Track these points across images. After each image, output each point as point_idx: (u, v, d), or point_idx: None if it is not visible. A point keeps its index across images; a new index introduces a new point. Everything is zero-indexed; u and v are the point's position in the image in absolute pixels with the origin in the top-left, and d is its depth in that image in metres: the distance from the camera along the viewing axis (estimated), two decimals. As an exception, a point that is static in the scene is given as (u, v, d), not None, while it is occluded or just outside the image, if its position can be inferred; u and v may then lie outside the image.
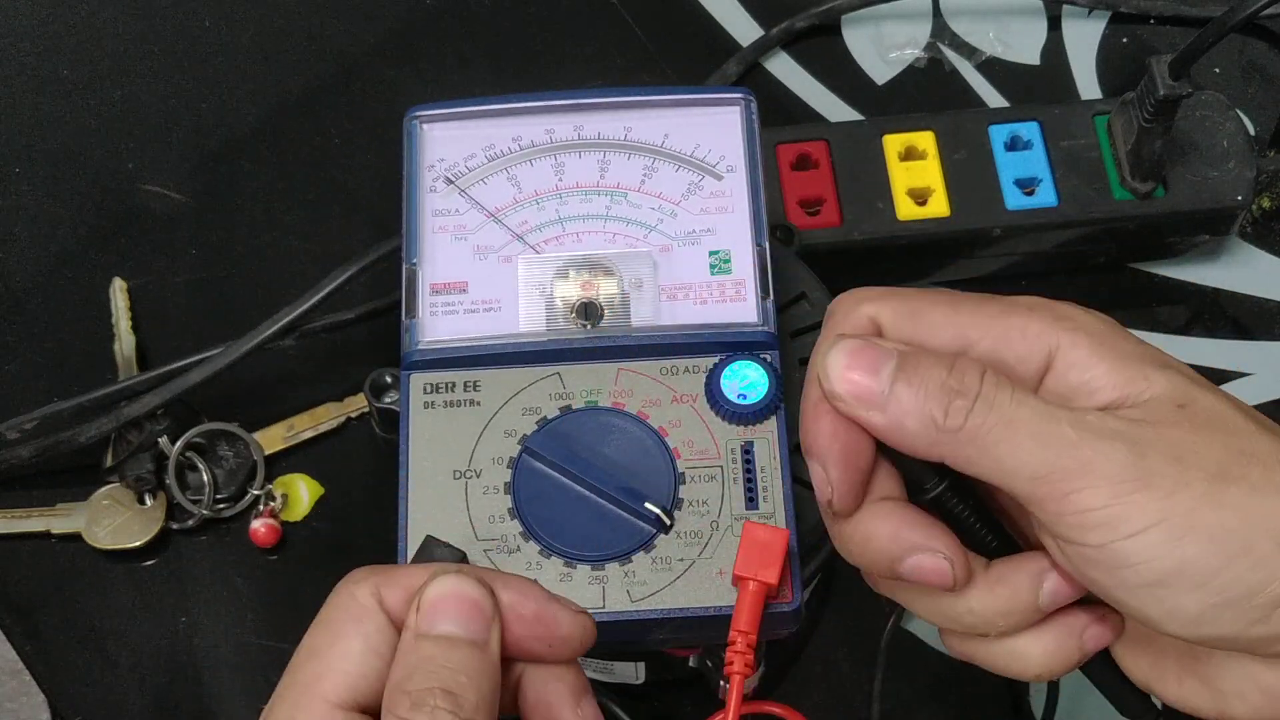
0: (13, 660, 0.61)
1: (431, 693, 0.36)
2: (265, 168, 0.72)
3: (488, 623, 0.38)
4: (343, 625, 0.38)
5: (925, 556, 0.41)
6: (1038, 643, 0.42)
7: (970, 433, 0.40)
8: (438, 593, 0.37)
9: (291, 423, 0.65)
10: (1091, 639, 0.43)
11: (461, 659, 0.37)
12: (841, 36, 0.76)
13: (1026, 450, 0.39)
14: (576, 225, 0.54)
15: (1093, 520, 0.39)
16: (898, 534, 0.42)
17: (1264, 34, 0.75)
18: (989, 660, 0.43)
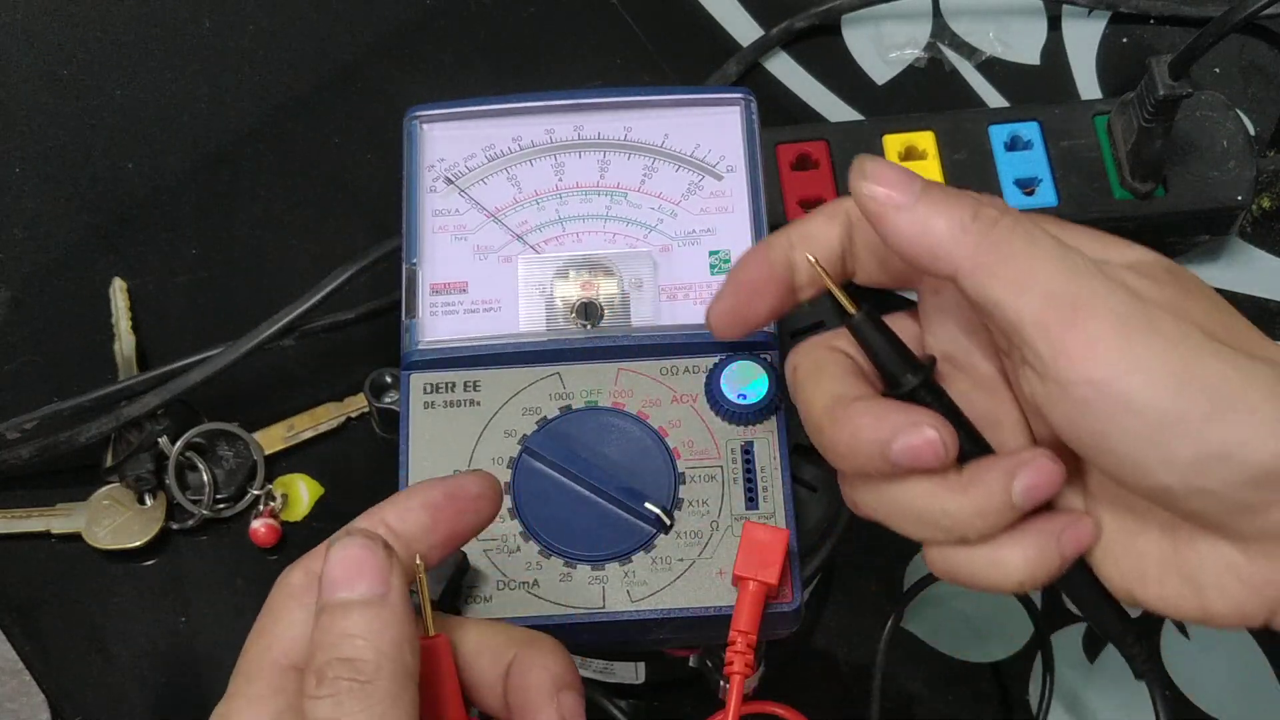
0: (13, 660, 0.61)
1: (330, 664, 0.37)
2: (265, 168, 0.72)
3: (382, 575, 0.38)
4: (282, 604, 0.40)
5: (913, 433, 0.41)
6: (1016, 548, 0.42)
7: (998, 238, 0.40)
8: (331, 561, 0.38)
9: (291, 423, 0.65)
10: (1070, 542, 0.42)
11: (355, 622, 0.37)
12: (841, 36, 0.76)
13: (1047, 265, 0.39)
14: (576, 225, 0.54)
15: (1096, 351, 0.38)
16: (883, 418, 0.42)
17: (1264, 34, 0.75)
18: (970, 572, 0.43)
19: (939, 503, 0.42)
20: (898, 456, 0.41)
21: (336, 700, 0.36)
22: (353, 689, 0.36)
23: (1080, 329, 0.39)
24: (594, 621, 0.48)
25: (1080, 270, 0.39)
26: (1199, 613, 0.41)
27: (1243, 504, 0.39)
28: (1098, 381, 0.39)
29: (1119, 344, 0.38)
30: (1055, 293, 0.39)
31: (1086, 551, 0.43)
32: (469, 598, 0.48)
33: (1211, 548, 0.41)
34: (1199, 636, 0.62)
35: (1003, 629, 0.62)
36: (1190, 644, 0.62)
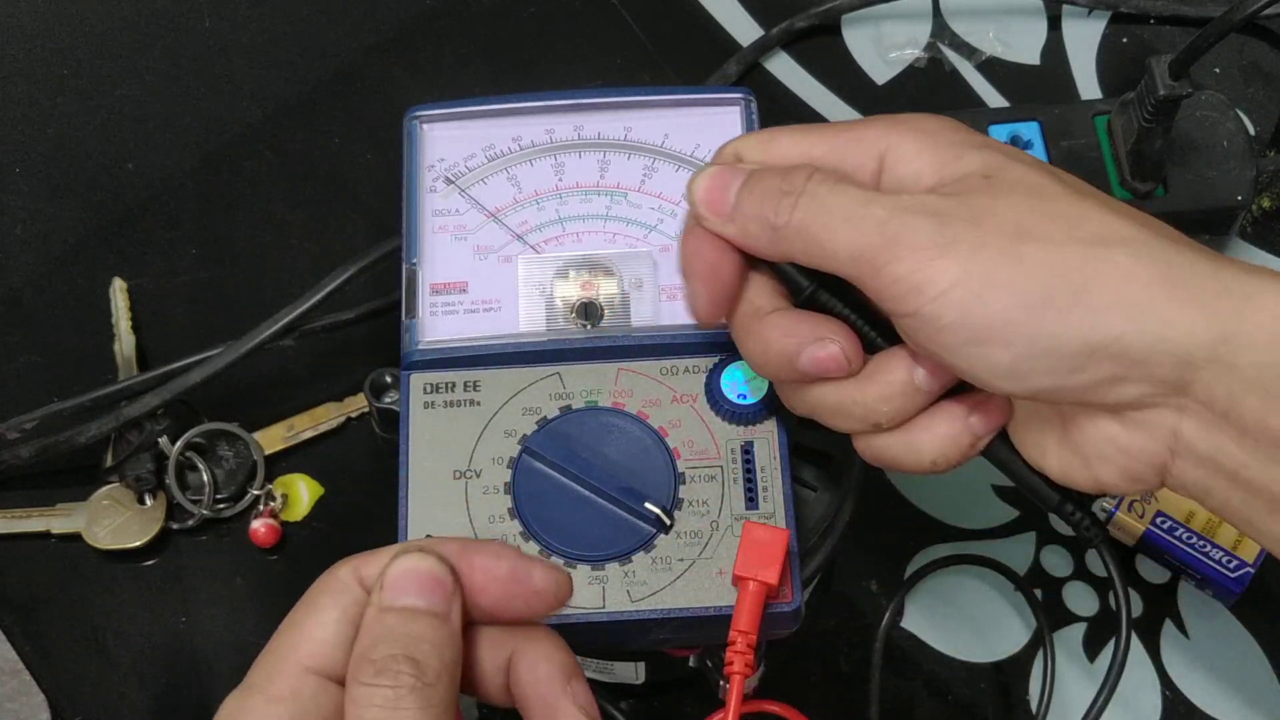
0: (13, 660, 0.61)
1: (395, 659, 0.37)
2: (265, 168, 0.72)
3: (448, 596, 0.39)
4: (321, 599, 0.40)
5: (817, 347, 0.44)
6: (928, 431, 0.45)
7: (797, 225, 0.43)
8: (400, 568, 0.39)
9: (291, 423, 0.65)
10: (978, 422, 0.45)
11: (423, 628, 0.38)
12: (841, 36, 0.76)
13: (844, 233, 0.43)
14: (576, 225, 0.54)
15: (903, 288, 0.41)
16: (789, 331, 0.45)
17: (1264, 34, 0.75)
18: (892, 456, 0.46)
19: (850, 395, 0.45)
20: (805, 367, 0.45)
21: (397, 693, 0.37)
22: (415, 688, 0.37)
23: (884, 275, 0.42)
24: (594, 621, 0.48)
25: (876, 222, 0.42)
26: (1092, 483, 0.44)
27: (1082, 386, 0.41)
28: (911, 313, 0.42)
29: (919, 278, 0.41)
30: (856, 254, 0.42)
31: (999, 429, 0.46)
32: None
33: (1092, 423, 0.43)
34: (1199, 636, 0.62)
35: (1003, 629, 0.62)
36: (1190, 644, 0.62)
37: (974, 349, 0.41)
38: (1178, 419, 0.42)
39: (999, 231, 0.41)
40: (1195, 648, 0.61)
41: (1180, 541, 0.61)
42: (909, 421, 0.45)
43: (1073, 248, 0.41)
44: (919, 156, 0.44)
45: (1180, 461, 0.42)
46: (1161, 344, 0.40)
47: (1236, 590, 0.61)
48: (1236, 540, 0.61)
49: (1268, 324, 0.40)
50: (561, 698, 0.40)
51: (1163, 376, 0.41)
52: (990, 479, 0.64)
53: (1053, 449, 0.45)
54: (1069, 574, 0.63)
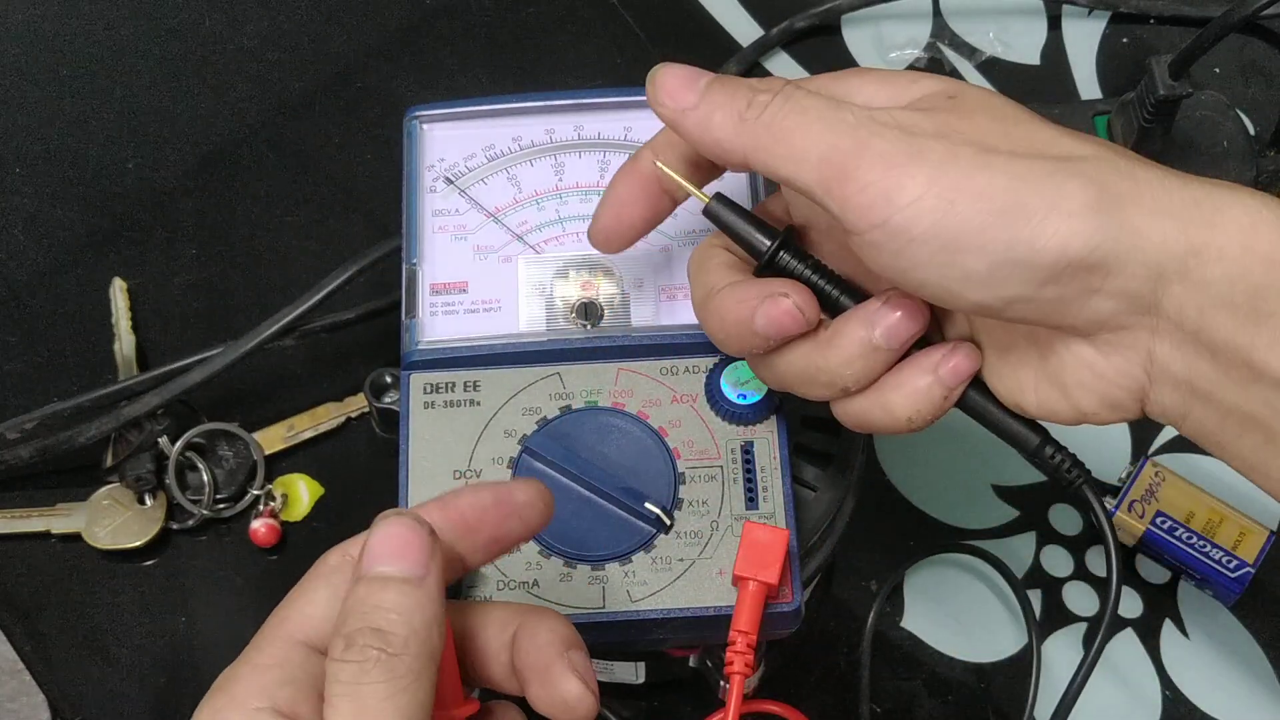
0: (13, 660, 0.61)
1: (361, 632, 0.37)
2: (265, 168, 0.72)
3: (423, 558, 0.38)
4: (312, 580, 0.40)
5: (770, 305, 0.44)
6: (899, 389, 0.45)
7: (768, 120, 0.43)
8: (375, 536, 0.39)
9: (291, 423, 0.65)
10: (948, 373, 0.45)
11: (391, 597, 0.38)
12: (841, 36, 0.76)
13: (814, 133, 0.42)
14: (576, 225, 0.54)
15: (871, 197, 0.41)
16: (741, 298, 0.45)
17: (1264, 34, 0.75)
18: (868, 419, 0.46)
19: (813, 361, 0.45)
20: (763, 330, 0.45)
21: (362, 667, 0.36)
22: (379, 659, 0.37)
23: (852, 181, 0.41)
24: (594, 621, 0.48)
25: (846, 125, 0.42)
26: (1074, 413, 0.44)
27: (1056, 301, 0.41)
28: (880, 224, 0.41)
29: (888, 184, 0.41)
30: (825, 155, 0.42)
31: (970, 376, 0.45)
32: (469, 597, 0.48)
33: (1068, 350, 0.43)
34: (1199, 636, 0.62)
35: (1002, 629, 0.62)
36: (1190, 644, 0.62)
37: (946, 258, 0.41)
38: (1151, 340, 0.42)
39: (968, 144, 0.41)
40: (1195, 648, 0.61)
41: (1180, 541, 0.61)
42: (878, 382, 0.45)
43: (1042, 161, 0.41)
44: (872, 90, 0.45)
45: (1157, 386, 0.43)
46: (1134, 253, 0.40)
47: (1236, 590, 0.61)
48: (1236, 540, 0.61)
49: (1237, 235, 0.40)
50: (558, 661, 0.40)
51: (1135, 290, 0.41)
52: (990, 479, 0.64)
53: (1030, 383, 0.45)
54: (1069, 574, 0.63)
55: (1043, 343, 0.44)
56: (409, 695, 0.36)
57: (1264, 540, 0.61)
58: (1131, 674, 0.61)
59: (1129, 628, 0.62)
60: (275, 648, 0.39)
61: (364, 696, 0.36)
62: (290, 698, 0.38)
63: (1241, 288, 0.40)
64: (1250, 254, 0.40)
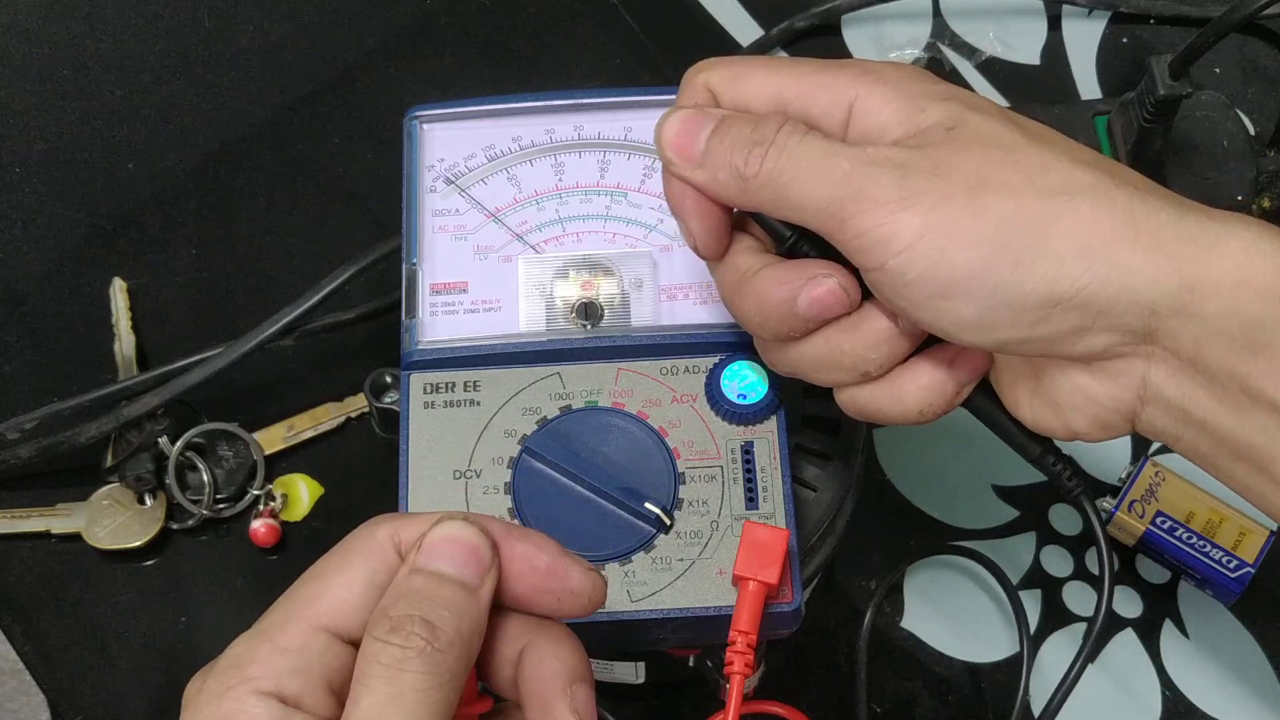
0: (13, 660, 0.61)
1: (411, 619, 0.37)
2: (265, 168, 0.72)
3: (482, 569, 0.38)
4: (354, 555, 0.39)
5: (814, 285, 0.44)
6: (913, 380, 0.45)
7: (766, 176, 0.43)
8: (441, 533, 0.39)
9: (291, 423, 0.65)
10: (962, 369, 0.45)
11: (447, 595, 0.38)
12: (841, 36, 0.76)
13: (811, 185, 0.43)
14: (576, 225, 0.54)
15: (868, 242, 0.42)
16: (782, 279, 0.45)
17: (1264, 34, 0.75)
18: (877, 408, 0.46)
19: (838, 344, 0.45)
20: (805, 311, 0.44)
21: (405, 653, 0.36)
22: (424, 651, 0.36)
23: (849, 228, 0.42)
24: (594, 621, 0.48)
25: (841, 174, 0.42)
26: (1065, 431, 0.45)
27: (1049, 338, 0.42)
28: (878, 267, 0.42)
29: (881, 232, 0.41)
30: (823, 206, 0.42)
31: (983, 374, 0.46)
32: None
33: (1062, 374, 0.44)
34: (1199, 636, 0.62)
35: (1002, 629, 0.62)
36: (1190, 644, 0.62)
37: (939, 303, 0.42)
38: (1146, 366, 0.42)
39: (961, 184, 0.41)
40: (1195, 648, 0.61)
41: (1180, 541, 0.61)
42: (893, 371, 0.45)
43: (1033, 198, 0.41)
44: (885, 108, 0.44)
45: (1149, 408, 0.43)
46: (1126, 293, 0.40)
47: (1236, 590, 0.61)
48: (1236, 540, 0.61)
49: (1231, 270, 0.40)
50: (559, 698, 0.40)
51: (1129, 325, 0.41)
52: (990, 479, 0.64)
53: (1025, 399, 0.45)
54: (1069, 574, 0.63)
55: (1038, 364, 0.44)
56: (442, 693, 0.36)
57: (1264, 540, 0.61)
58: (1131, 674, 0.61)
59: (1129, 628, 0.62)
60: (297, 630, 0.38)
61: (400, 683, 0.36)
62: (299, 686, 0.37)
63: (1238, 321, 0.40)
64: (1246, 287, 0.40)
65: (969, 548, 0.63)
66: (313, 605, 0.38)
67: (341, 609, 0.38)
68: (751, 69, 0.47)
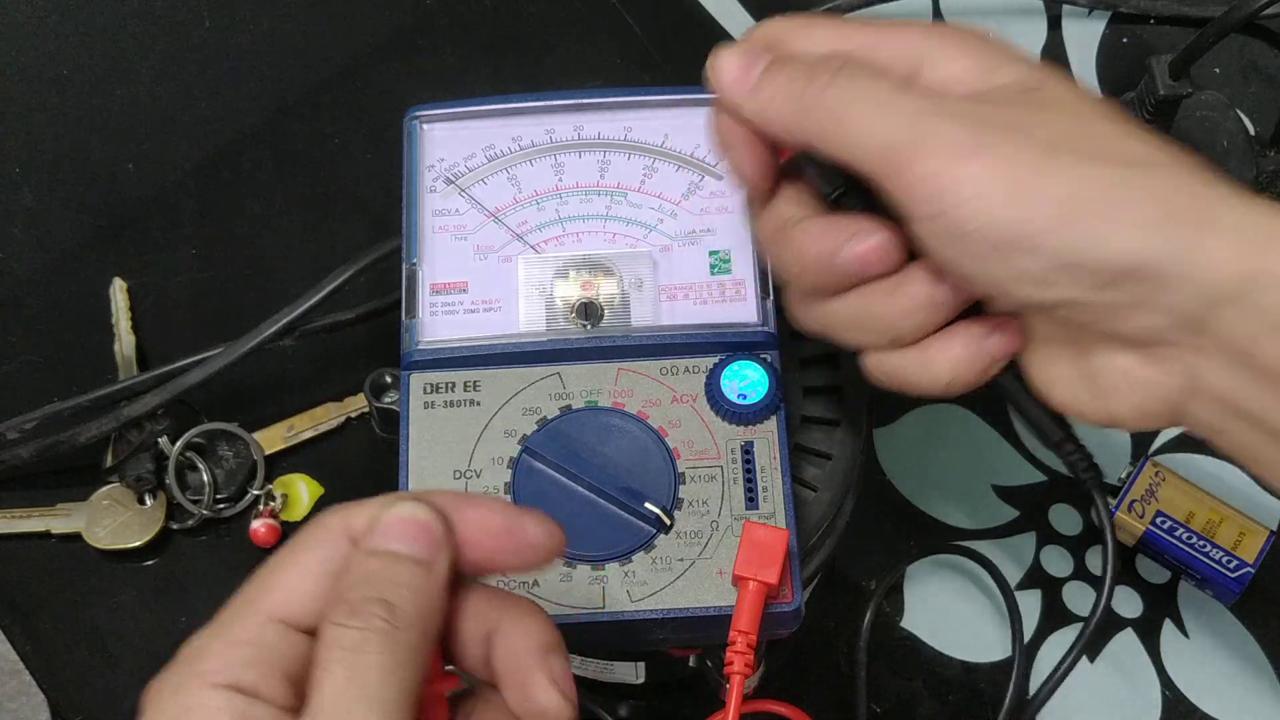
0: (13, 660, 0.61)
1: (369, 601, 0.37)
2: (265, 168, 0.72)
3: (436, 545, 0.38)
4: (305, 546, 0.39)
5: (856, 240, 0.44)
6: (945, 350, 0.45)
7: (828, 105, 0.42)
8: (391, 514, 0.38)
9: (291, 423, 0.65)
10: (996, 343, 0.45)
11: (403, 573, 0.38)
12: (841, 36, 0.76)
13: (876, 120, 0.42)
14: (576, 225, 0.54)
15: (929, 188, 0.41)
16: (826, 230, 0.44)
17: (1264, 34, 0.75)
18: (905, 375, 0.45)
19: (873, 306, 0.44)
20: (844, 264, 0.44)
21: (365, 635, 0.36)
22: (384, 631, 0.36)
23: (915, 169, 0.41)
24: (594, 621, 0.48)
25: (910, 113, 0.41)
26: (1104, 415, 0.44)
27: (1104, 307, 0.41)
28: (937, 214, 0.41)
29: (952, 175, 0.40)
30: (886, 144, 0.41)
31: (1015, 353, 0.45)
32: (469, 597, 0.47)
33: (1107, 354, 0.43)
34: (1199, 636, 0.62)
35: (1002, 629, 0.62)
36: (1190, 644, 0.62)
37: (1001, 255, 0.41)
38: (1195, 357, 0.41)
39: (1036, 143, 0.41)
40: (1195, 648, 0.61)
41: (1180, 541, 0.61)
42: (926, 339, 0.45)
43: (1109, 166, 0.41)
44: (956, 63, 0.44)
45: (1196, 401, 0.42)
46: (1189, 270, 0.40)
47: (1236, 590, 0.61)
48: (1236, 540, 0.61)
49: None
50: (535, 670, 0.39)
51: (1184, 308, 0.40)
52: (990, 479, 0.64)
53: (1062, 378, 0.44)
54: (1069, 574, 0.63)
55: (1082, 342, 0.43)
56: (404, 672, 0.36)
57: (1264, 540, 0.61)
58: (1131, 674, 0.61)
59: (1129, 628, 0.62)
60: (251, 623, 0.38)
61: (361, 666, 0.36)
62: (255, 678, 0.37)
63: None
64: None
65: (968, 547, 0.63)
66: (266, 597, 0.38)
67: (295, 599, 0.38)
68: (816, 20, 0.46)
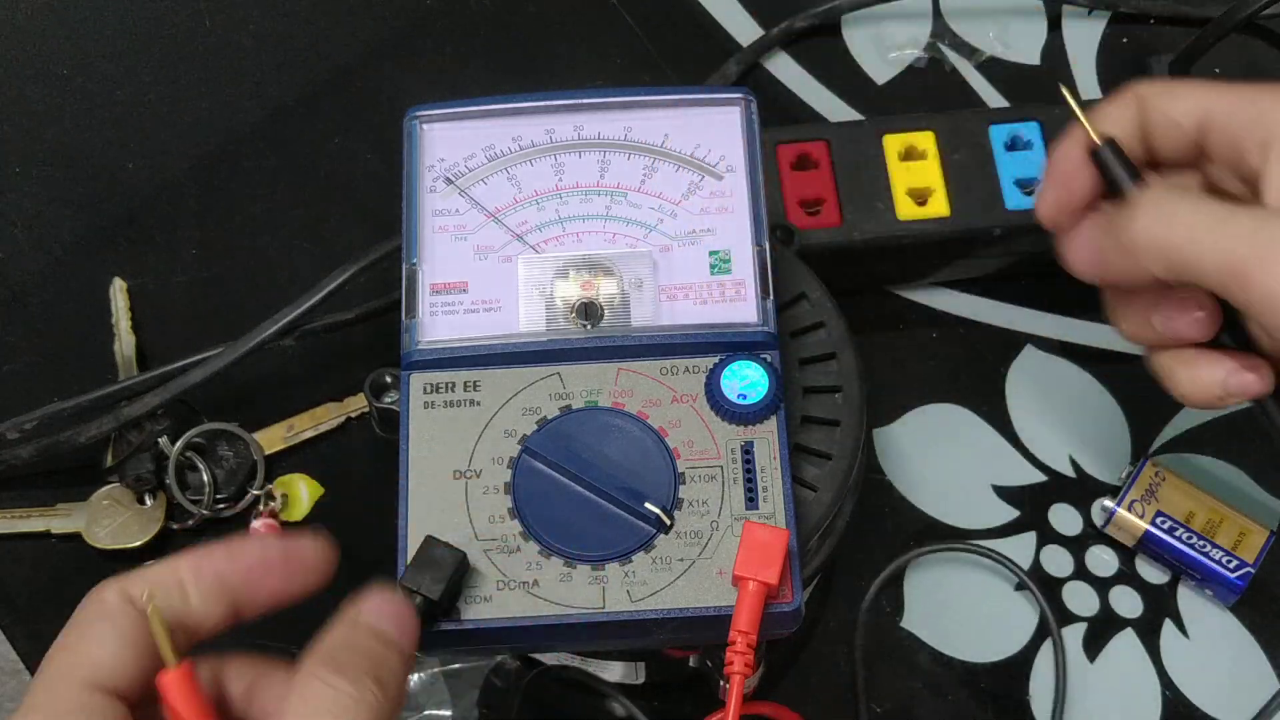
0: (13, 660, 0.61)
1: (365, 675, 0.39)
2: (265, 168, 0.72)
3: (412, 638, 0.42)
4: (93, 622, 0.40)
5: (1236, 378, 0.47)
6: (1189, 367, 0.47)
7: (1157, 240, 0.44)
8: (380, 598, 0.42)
9: (291, 423, 0.65)
10: (1236, 384, 0.47)
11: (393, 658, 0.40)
12: (841, 36, 0.76)
13: (1209, 242, 0.43)
14: (576, 225, 0.54)
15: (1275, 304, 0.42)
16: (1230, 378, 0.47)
17: (1264, 34, 0.75)
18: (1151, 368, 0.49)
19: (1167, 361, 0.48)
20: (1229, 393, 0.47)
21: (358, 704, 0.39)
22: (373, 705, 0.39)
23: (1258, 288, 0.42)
24: (594, 621, 0.48)
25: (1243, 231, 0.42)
26: None
27: None
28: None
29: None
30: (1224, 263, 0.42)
31: (1257, 397, 0.47)
32: (469, 598, 0.48)
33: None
34: (1199, 636, 0.62)
35: (1003, 629, 0.62)
36: (1190, 644, 0.62)
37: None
38: None
39: None
40: (1195, 648, 0.61)
41: (1180, 541, 0.61)
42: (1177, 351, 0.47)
43: None
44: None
45: None
46: None
47: (1236, 590, 0.61)
48: (1237, 540, 0.61)
49: None
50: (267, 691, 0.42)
51: None
52: (990, 479, 0.64)
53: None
54: (1069, 574, 0.63)
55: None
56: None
57: (1264, 540, 0.61)
58: (1132, 674, 0.61)
59: (1129, 628, 0.62)
60: (70, 695, 0.39)
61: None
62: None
63: None
64: None
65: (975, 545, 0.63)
66: (74, 671, 0.39)
67: (101, 668, 0.39)
68: (1181, 86, 0.47)
